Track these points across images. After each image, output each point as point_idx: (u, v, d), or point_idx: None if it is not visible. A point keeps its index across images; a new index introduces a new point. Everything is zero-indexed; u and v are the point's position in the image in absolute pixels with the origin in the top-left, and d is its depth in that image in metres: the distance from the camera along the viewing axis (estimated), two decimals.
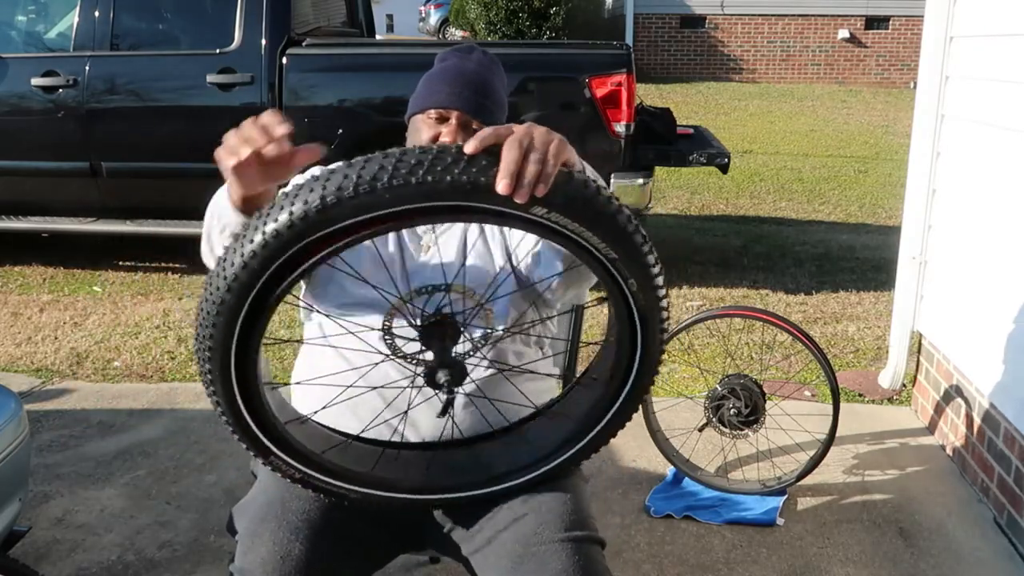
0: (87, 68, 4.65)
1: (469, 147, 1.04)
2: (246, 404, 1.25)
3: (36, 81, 4.65)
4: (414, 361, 1.42)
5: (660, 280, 1.26)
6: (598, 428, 1.44)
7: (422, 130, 1.57)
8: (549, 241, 1.23)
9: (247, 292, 1.09)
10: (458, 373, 1.28)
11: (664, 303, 1.30)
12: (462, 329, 1.37)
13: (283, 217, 1.04)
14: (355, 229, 1.07)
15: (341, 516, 1.46)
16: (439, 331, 1.34)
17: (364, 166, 1.04)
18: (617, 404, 1.42)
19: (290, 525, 1.42)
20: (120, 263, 5.14)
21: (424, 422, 1.51)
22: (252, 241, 1.06)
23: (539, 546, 1.40)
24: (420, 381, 1.33)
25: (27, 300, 4.55)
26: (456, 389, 1.30)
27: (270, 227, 1.04)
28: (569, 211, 1.10)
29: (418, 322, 1.35)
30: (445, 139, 1.53)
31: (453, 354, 1.32)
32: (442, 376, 1.27)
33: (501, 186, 1.04)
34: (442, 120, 1.56)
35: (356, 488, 1.42)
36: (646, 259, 1.22)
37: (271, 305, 1.13)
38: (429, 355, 1.33)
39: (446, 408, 1.33)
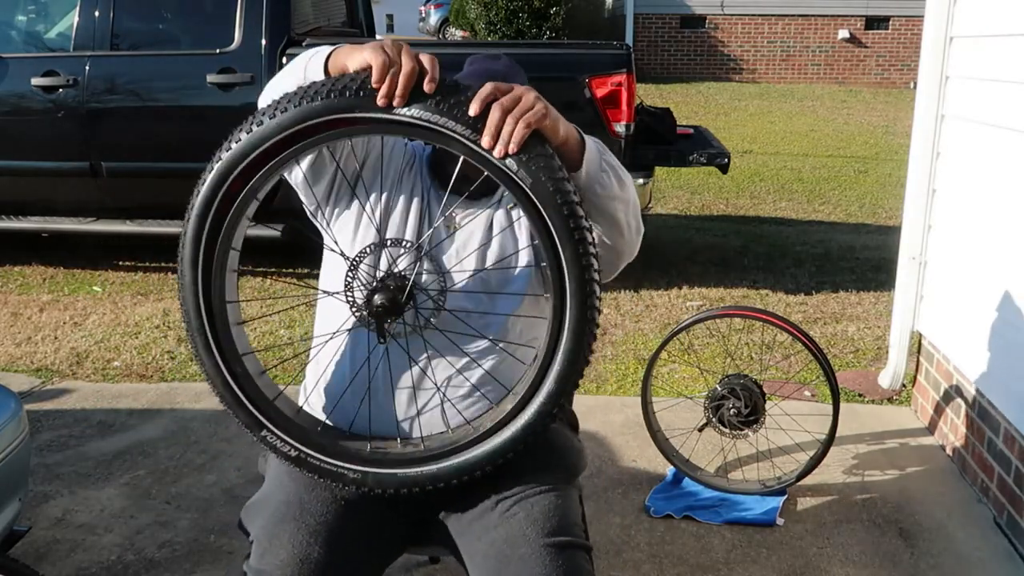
0: (87, 68, 4.65)
1: (473, 108, 1.26)
2: (228, 370, 1.42)
3: (36, 81, 4.65)
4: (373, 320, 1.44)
5: (588, 244, 1.32)
6: (533, 408, 1.40)
7: None
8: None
9: (207, 209, 1.36)
10: (393, 302, 1.37)
11: (589, 261, 1.33)
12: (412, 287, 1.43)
13: (223, 155, 1.33)
14: (264, 157, 1.33)
15: (355, 517, 1.47)
16: (392, 286, 1.42)
17: (264, 110, 1.32)
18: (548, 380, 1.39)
19: (308, 528, 1.43)
20: (120, 263, 5.14)
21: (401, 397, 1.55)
22: (205, 176, 1.35)
23: (524, 548, 1.42)
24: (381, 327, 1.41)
25: (27, 300, 4.55)
26: (393, 320, 1.39)
27: (213, 169, 1.34)
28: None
29: (377, 274, 1.43)
30: None
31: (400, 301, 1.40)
32: (378, 299, 1.38)
33: (485, 141, 1.26)
34: None
35: (352, 466, 1.43)
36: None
37: (229, 224, 1.38)
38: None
39: (381, 333, 1.40)
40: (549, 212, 1.29)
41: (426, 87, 1.26)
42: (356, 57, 1.31)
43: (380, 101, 1.26)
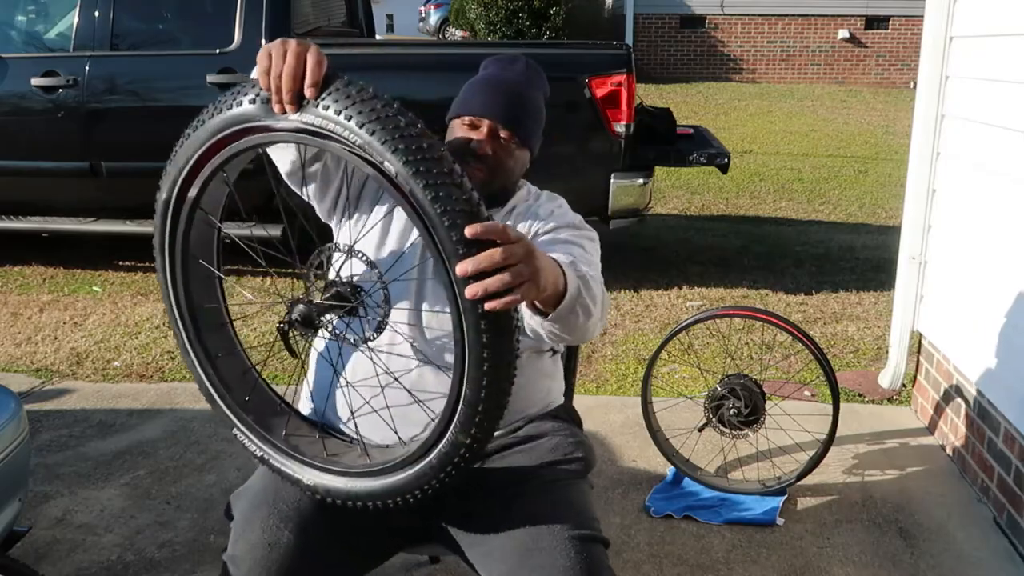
0: (87, 68, 4.65)
1: (470, 231, 1.10)
2: (203, 369, 1.43)
3: (36, 81, 4.65)
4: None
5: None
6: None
7: (456, 133, 1.63)
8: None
9: (163, 218, 1.38)
10: (308, 318, 1.31)
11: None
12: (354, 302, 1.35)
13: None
14: (193, 171, 1.33)
15: (335, 509, 1.47)
16: (340, 293, 1.34)
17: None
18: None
19: (280, 513, 1.44)
20: (120, 263, 5.14)
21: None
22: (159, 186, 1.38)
23: (545, 544, 1.41)
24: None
25: (27, 300, 4.55)
26: (300, 332, 1.34)
27: (161, 180, 1.37)
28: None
29: (329, 276, 1.38)
30: (476, 147, 1.59)
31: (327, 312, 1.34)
32: (296, 311, 1.32)
33: (469, 292, 1.11)
34: (474, 127, 1.62)
35: (305, 473, 1.41)
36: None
37: (184, 232, 1.39)
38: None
39: (285, 339, 1.35)
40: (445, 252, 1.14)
41: (306, 93, 1.19)
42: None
43: (274, 108, 1.21)
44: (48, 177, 4.78)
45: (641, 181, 4.58)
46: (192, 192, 1.35)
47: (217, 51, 4.59)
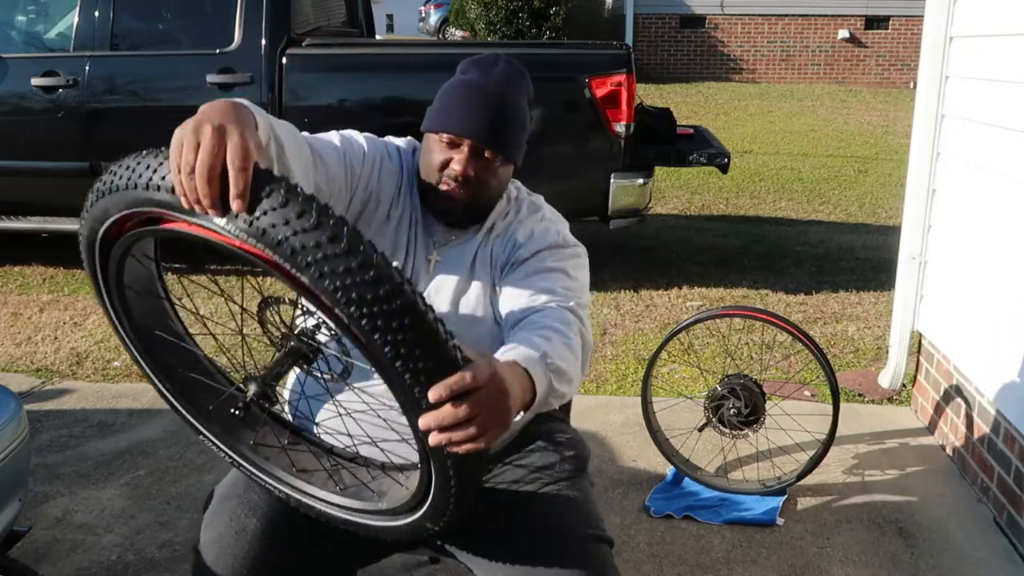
0: (87, 68, 4.65)
1: (433, 396, 0.99)
2: (164, 385, 1.35)
3: (36, 81, 4.65)
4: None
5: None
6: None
7: (433, 151, 1.50)
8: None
9: (91, 249, 1.22)
10: (264, 396, 1.19)
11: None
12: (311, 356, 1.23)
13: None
14: (111, 234, 1.15)
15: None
16: (296, 349, 1.21)
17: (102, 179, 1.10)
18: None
19: (249, 503, 1.44)
20: None
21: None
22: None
23: (550, 546, 1.40)
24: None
25: (27, 300, 4.55)
26: (257, 405, 1.22)
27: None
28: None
29: (284, 327, 1.23)
30: (455, 168, 1.46)
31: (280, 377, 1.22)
32: (251, 389, 1.19)
33: (432, 440, 1.02)
34: (454, 145, 1.47)
35: (276, 485, 1.38)
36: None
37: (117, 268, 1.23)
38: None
39: (245, 410, 1.22)
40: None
41: (233, 206, 0.97)
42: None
43: (198, 208, 1.00)
44: (48, 177, 4.78)
45: (641, 181, 4.58)
46: (117, 250, 1.18)
47: (217, 51, 4.59)
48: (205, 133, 1.01)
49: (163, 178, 1.03)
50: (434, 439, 1.02)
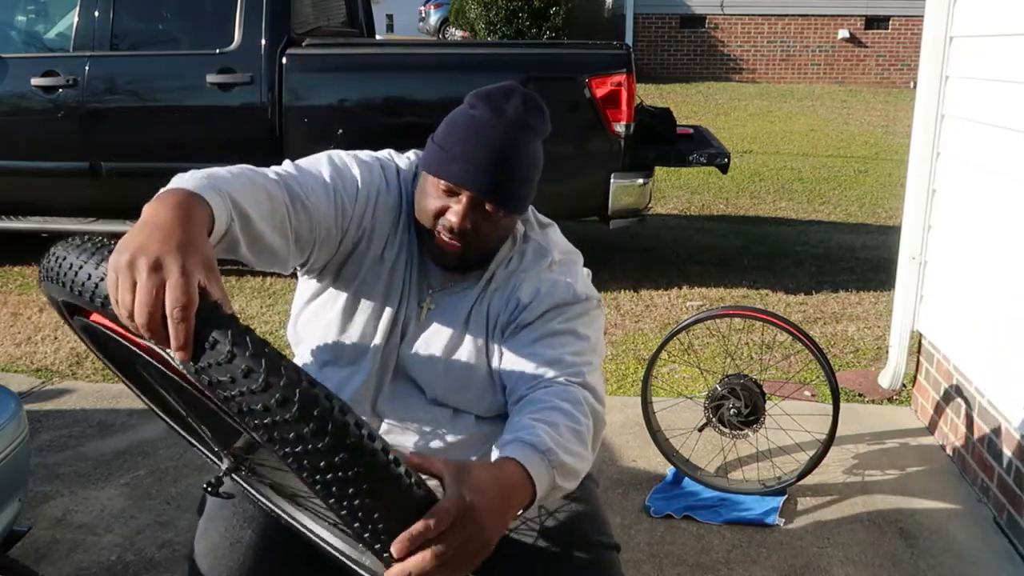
0: (87, 68, 4.65)
1: (396, 549, 0.91)
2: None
3: (36, 81, 4.65)
4: None
5: None
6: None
7: (430, 195, 1.34)
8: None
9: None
10: (236, 469, 1.15)
11: None
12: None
13: None
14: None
15: None
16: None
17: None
18: None
19: (245, 513, 1.42)
20: None
21: None
22: None
23: (557, 553, 1.39)
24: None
25: (27, 300, 4.55)
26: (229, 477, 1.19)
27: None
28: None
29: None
30: (451, 219, 1.32)
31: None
32: (225, 463, 1.14)
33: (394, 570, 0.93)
34: (452, 193, 1.32)
35: (262, 499, 1.35)
36: None
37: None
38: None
39: (216, 488, 1.18)
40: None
41: (176, 356, 0.90)
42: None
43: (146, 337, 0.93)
44: (48, 177, 4.78)
45: (641, 181, 4.59)
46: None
47: (217, 51, 4.59)
48: (140, 270, 0.91)
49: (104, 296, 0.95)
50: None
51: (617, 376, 3.66)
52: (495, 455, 1.13)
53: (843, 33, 15.36)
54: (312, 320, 1.44)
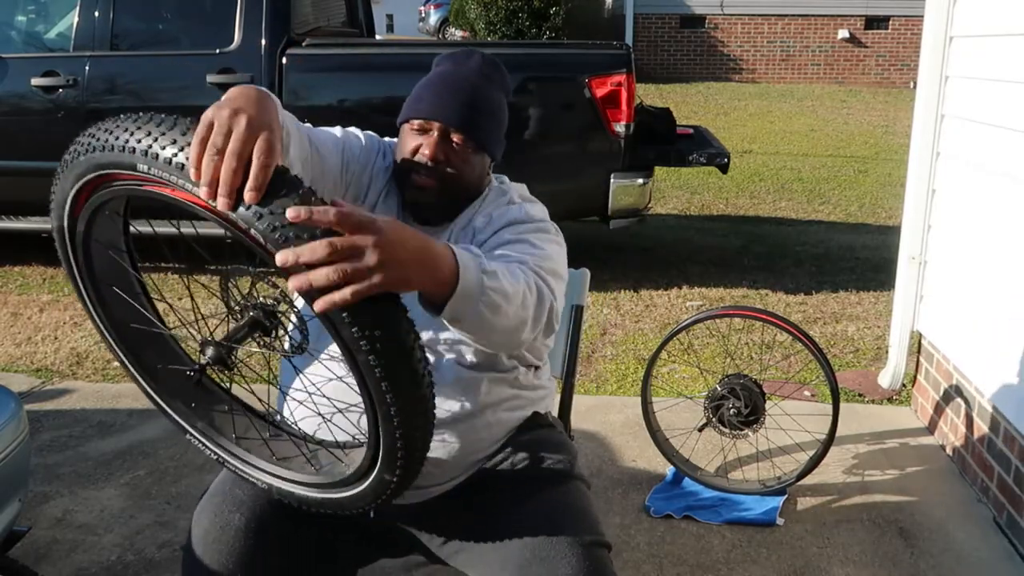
0: (87, 68, 4.65)
1: (291, 213, 0.97)
2: (146, 381, 1.37)
3: (36, 81, 4.65)
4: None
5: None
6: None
7: (406, 140, 1.49)
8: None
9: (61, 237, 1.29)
10: (220, 360, 1.20)
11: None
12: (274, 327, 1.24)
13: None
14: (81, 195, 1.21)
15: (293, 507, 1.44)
16: (254, 319, 1.22)
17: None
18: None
19: (235, 499, 1.44)
20: None
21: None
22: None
23: (547, 550, 1.38)
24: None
25: (27, 300, 4.55)
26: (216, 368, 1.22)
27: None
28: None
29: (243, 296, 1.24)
30: (425, 151, 1.45)
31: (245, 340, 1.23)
32: (208, 352, 1.20)
33: (292, 283, 0.98)
34: (423, 131, 1.47)
35: (258, 477, 1.37)
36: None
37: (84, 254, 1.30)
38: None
39: (199, 380, 1.23)
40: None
41: (247, 197, 1.00)
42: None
43: (201, 192, 1.02)
44: (48, 177, 4.74)
45: (641, 181, 4.59)
46: (81, 226, 1.23)
47: (217, 51, 4.59)
48: (240, 122, 1.03)
49: (153, 144, 1.07)
50: (295, 282, 0.98)
51: (617, 376, 3.67)
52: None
53: (843, 33, 15.36)
54: None
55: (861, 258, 5.47)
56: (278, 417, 1.47)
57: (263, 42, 4.55)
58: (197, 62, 4.60)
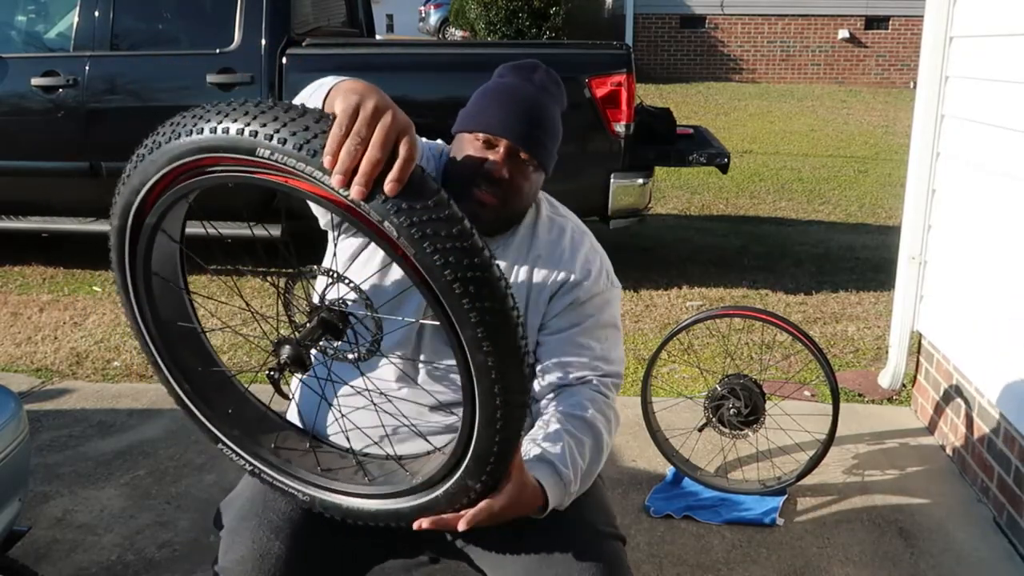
0: (87, 68, 4.64)
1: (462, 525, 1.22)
2: (180, 387, 1.35)
3: (36, 81, 4.65)
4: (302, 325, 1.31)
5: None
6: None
7: (468, 150, 1.47)
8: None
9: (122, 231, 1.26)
10: (299, 359, 1.21)
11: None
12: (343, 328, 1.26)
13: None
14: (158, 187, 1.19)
15: (324, 517, 1.45)
16: (326, 320, 1.26)
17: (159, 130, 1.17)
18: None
19: (271, 524, 1.41)
20: None
21: (411, 417, 1.48)
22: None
23: (565, 542, 1.40)
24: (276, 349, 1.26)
25: (27, 300, 4.55)
26: (291, 373, 1.25)
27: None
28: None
29: (315, 298, 1.28)
30: (492, 167, 1.45)
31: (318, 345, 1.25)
32: (285, 351, 1.21)
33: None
34: (489, 145, 1.45)
35: (300, 488, 1.37)
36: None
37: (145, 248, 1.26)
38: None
39: (277, 387, 1.24)
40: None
41: (387, 188, 1.01)
42: (335, 103, 1.07)
43: (333, 180, 1.02)
44: (48, 177, 4.78)
45: (641, 181, 4.58)
46: (152, 218, 1.22)
47: (217, 51, 4.58)
48: (387, 116, 1.04)
49: (284, 128, 1.04)
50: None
51: None
52: (530, 454, 1.36)
53: (843, 33, 15.36)
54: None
55: (861, 258, 5.47)
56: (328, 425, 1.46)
57: (263, 42, 4.54)
58: (197, 62, 4.60)
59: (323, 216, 1.52)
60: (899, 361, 3.33)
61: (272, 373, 1.21)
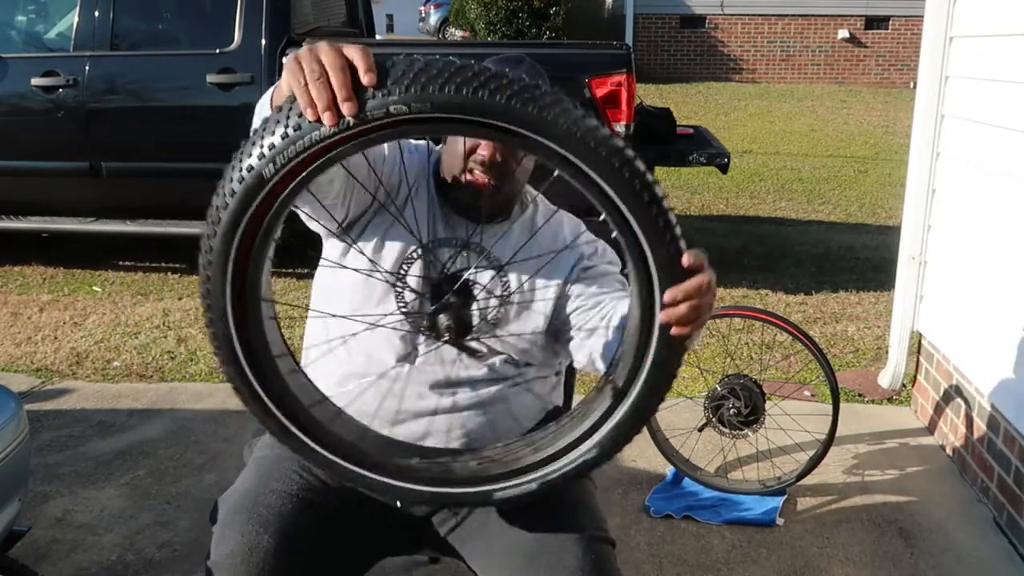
0: (87, 68, 4.64)
1: (688, 260, 1.17)
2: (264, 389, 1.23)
3: (36, 81, 4.65)
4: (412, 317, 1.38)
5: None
6: (606, 429, 1.27)
7: (458, 140, 1.53)
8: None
9: (251, 198, 1.09)
10: (461, 323, 1.26)
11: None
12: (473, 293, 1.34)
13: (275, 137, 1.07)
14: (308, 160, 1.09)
15: (319, 514, 1.46)
16: (449, 289, 1.33)
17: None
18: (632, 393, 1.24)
19: (260, 518, 1.42)
20: (120, 263, 5.14)
21: (410, 399, 1.51)
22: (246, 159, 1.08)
23: (553, 544, 1.41)
24: (425, 324, 1.32)
25: (27, 300, 4.55)
26: (450, 338, 1.29)
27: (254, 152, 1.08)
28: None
29: (434, 274, 1.34)
30: (483, 152, 1.49)
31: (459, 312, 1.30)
32: (444, 320, 1.26)
33: (664, 316, 1.15)
34: None
35: (381, 479, 1.31)
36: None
37: (269, 224, 1.13)
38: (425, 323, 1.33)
39: (411, 352, 1.29)
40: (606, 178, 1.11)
41: (364, 80, 1.03)
42: (282, 86, 1.13)
43: (325, 119, 1.03)
44: (48, 177, 4.78)
45: None
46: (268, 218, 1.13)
47: (217, 51, 4.59)
48: (323, 47, 1.06)
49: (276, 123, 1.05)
50: (667, 315, 1.14)
51: None
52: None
53: (843, 33, 15.35)
54: (345, 276, 1.54)
55: (861, 258, 5.47)
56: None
57: (263, 42, 4.54)
58: (197, 62, 4.60)
59: (331, 219, 1.50)
60: (899, 361, 3.33)
61: (445, 339, 1.26)
